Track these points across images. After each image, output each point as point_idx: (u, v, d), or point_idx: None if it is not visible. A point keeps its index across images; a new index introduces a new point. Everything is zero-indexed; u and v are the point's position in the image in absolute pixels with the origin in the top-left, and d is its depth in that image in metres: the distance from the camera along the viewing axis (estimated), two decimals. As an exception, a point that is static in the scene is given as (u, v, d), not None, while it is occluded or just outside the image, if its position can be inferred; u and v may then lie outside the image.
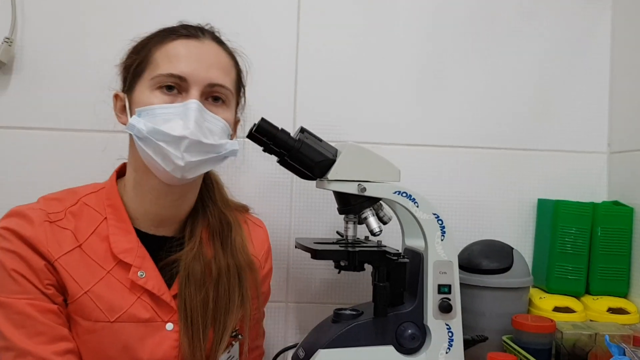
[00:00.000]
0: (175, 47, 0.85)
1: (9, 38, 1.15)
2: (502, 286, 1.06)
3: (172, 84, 0.83)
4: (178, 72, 0.82)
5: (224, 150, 0.86)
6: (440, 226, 0.95)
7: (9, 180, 1.16)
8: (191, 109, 0.81)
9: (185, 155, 0.81)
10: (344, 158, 0.92)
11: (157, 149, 0.81)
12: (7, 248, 0.81)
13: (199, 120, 0.81)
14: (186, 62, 0.83)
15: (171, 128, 0.80)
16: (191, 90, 0.83)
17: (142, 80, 0.85)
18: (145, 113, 0.82)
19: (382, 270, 0.93)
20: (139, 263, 0.86)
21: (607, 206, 1.16)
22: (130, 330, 0.84)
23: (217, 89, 0.85)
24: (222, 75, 0.86)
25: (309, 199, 1.21)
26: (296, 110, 1.21)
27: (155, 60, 0.84)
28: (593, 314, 1.09)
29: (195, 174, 0.85)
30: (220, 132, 0.85)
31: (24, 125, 1.18)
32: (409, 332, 0.93)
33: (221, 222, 0.94)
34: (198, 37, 0.86)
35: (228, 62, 0.90)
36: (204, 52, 0.85)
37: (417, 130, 1.23)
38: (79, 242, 0.84)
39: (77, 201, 0.88)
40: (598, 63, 1.25)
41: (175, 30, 0.88)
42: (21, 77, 1.18)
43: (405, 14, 1.23)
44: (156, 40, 0.86)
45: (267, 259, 1.03)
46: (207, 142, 0.82)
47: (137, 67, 0.86)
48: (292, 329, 1.22)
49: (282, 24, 1.21)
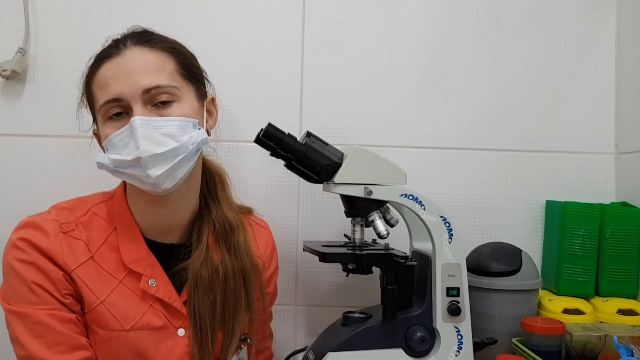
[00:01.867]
0: (102, 73, 0.84)
1: (23, 48, 1.18)
2: (511, 288, 1.06)
3: (115, 108, 0.83)
4: (111, 96, 0.82)
5: (191, 144, 0.83)
6: (447, 229, 0.95)
7: (25, 187, 1.18)
8: (135, 127, 0.80)
9: (150, 172, 0.80)
10: (350, 161, 0.92)
11: (128, 176, 0.83)
12: (24, 259, 0.81)
13: (147, 133, 0.80)
14: (114, 83, 0.82)
15: (127, 153, 0.81)
16: (133, 107, 0.82)
17: (97, 115, 0.87)
18: (108, 145, 0.84)
19: (390, 273, 0.93)
20: (149, 272, 0.87)
21: (615, 207, 1.15)
22: (145, 338, 0.85)
23: (155, 91, 0.83)
24: (154, 76, 0.83)
25: (316, 202, 1.22)
26: (302, 114, 1.22)
27: (94, 94, 0.85)
28: (603, 316, 1.09)
29: (175, 180, 0.84)
30: (179, 130, 0.82)
31: (38, 133, 1.20)
32: (418, 335, 0.93)
33: (224, 225, 0.94)
34: (118, 52, 0.84)
35: (157, 59, 0.85)
36: (127, 65, 0.83)
37: (422, 133, 1.23)
38: (91, 252, 0.85)
39: (87, 211, 0.89)
40: (604, 63, 1.25)
41: (100, 55, 0.86)
42: (35, 86, 1.20)
43: (411, 17, 1.24)
44: (89, 74, 0.87)
45: (272, 260, 1.04)
46: (163, 151, 0.80)
47: (88, 105, 0.89)
48: (302, 332, 1.22)
49: (287, 29, 1.23)
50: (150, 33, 0.90)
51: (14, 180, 1.19)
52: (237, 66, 1.21)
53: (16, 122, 1.20)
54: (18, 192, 1.19)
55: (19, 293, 0.81)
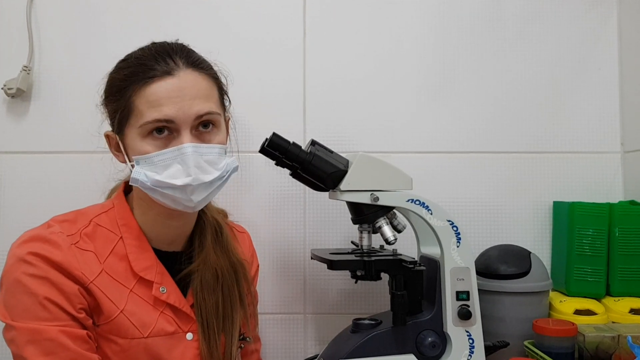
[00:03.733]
0: (154, 91, 0.82)
1: (27, 66, 1.19)
2: (521, 291, 1.05)
3: (161, 127, 0.83)
4: (163, 116, 0.81)
5: (227, 172, 0.87)
6: (455, 233, 0.94)
7: (31, 204, 1.19)
8: (187, 154, 0.81)
9: (193, 198, 0.83)
10: (356, 168, 0.92)
11: (165, 195, 0.84)
12: (36, 274, 0.79)
13: (197, 162, 0.82)
14: (168, 104, 0.81)
15: (173, 176, 0.81)
16: (182, 131, 0.82)
17: (130, 127, 0.84)
18: (143, 161, 0.83)
19: (399, 278, 0.93)
20: (159, 279, 0.89)
21: (623, 206, 1.15)
22: (161, 344, 0.86)
23: (206, 117, 0.84)
24: (206, 103, 0.84)
25: (322, 210, 1.22)
26: (306, 123, 1.23)
27: (138, 108, 0.82)
28: (615, 316, 1.08)
29: (207, 202, 0.89)
30: (218, 157, 0.85)
31: (44, 150, 1.21)
32: (429, 340, 0.93)
33: (215, 226, 0.97)
34: (172, 72, 0.83)
35: (207, 84, 0.87)
36: (183, 88, 0.82)
37: (427, 138, 1.23)
38: (101, 263, 0.85)
39: (89, 222, 0.88)
40: (607, 62, 1.25)
41: (147, 67, 0.83)
42: (40, 104, 1.21)
43: (412, 22, 1.24)
44: (133, 85, 0.83)
45: (254, 261, 1.08)
46: (210, 179, 0.83)
47: (121, 114, 0.85)
48: (312, 340, 1.22)
49: (289, 39, 1.23)
50: (194, 54, 0.89)
51: (21, 197, 1.20)
52: (239, 75, 1.21)
53: (22, 139, 1.21)
54: (25, 209, 1.19)
55: (29, 309, 0.79)
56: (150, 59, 0.84)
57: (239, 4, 1.24)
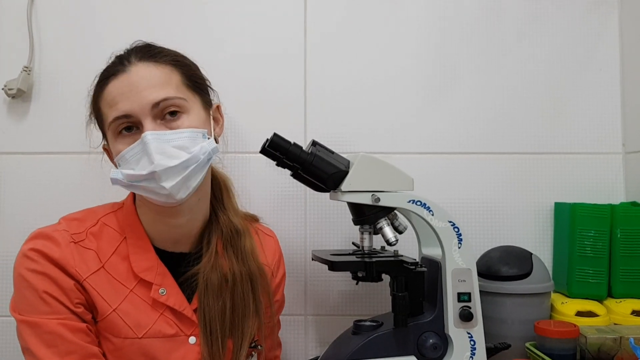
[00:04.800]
0: (110, 91, 0.85)
1: (28, 67, 1.19)
2: (522, 292, 1.05)
3: (125, 124, 0.84)
4: (120, 113, 0.83)
5: (202, 154, 0.85)
6: (456, 234, 0.94)
7: (32, 205, 1.19)
8: (147, 142, 0.82)
9: (164, 185, 0.82)
10: (357, 169, 0.92)
11: (142, 189, 0.85)
12: (36, 269, 0.82)
13: (159, 148, 0.82)
14: (122, 100, 0.83)
15: (141, 167, 0.83)
16: (143, 122, 0.83)
17: (106, 132, 0.88)
18: (121, 161, 0.85)
19: (400, 280, 0.93)
20: (159, 281, 0.88)
21: (625, 207, 1.14)
22: (158, 346, 0.86)
23: (164, 104, 0.84)
24: (161, 89, 0.84)
25: (323, 211, 1.21)
26: (307, 124, 1.22)
27: (103, 111, 0.87)
28: (617, 317, 1.07)
29: (189, 190, 0.85)
30: (189, 141, 0.85)
31: (45, 150, 1.21)
32: (430, 341, 0.92)
33: (231, 230, 0.95)
34: (124, 69, 0.85)
35: (162, 72, 0.87)
36: (133, 81, 0.84)
37: (428, 138, 1.23)
38: (102, 262, 0.86)
39: (96, 222, 0.90)
40: (608, 63, 1.24)
41: (105, 73, 0.87)
42: (40, 104, 1.21)
43: (412, 22, 1.24)
44: (96, 93, 0.88)
45: (279, 267, 1.05)
46: (176, 164, 0.82)
47: (97, 122, 0.90)
48: (312, 341, 1.21)
49: (290, 41, 1.23)
50: (152, 47, 0.91)
51: (22, 197, 1.20)
52: (240, 76, 1.22)
53: (22, 140, 1.21)
54: (26, 209, 1.19)
55: (31, 303, 0.82)
56: (110, 65, 0.88)
57: (240, 8, 1.23)
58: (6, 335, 1.18)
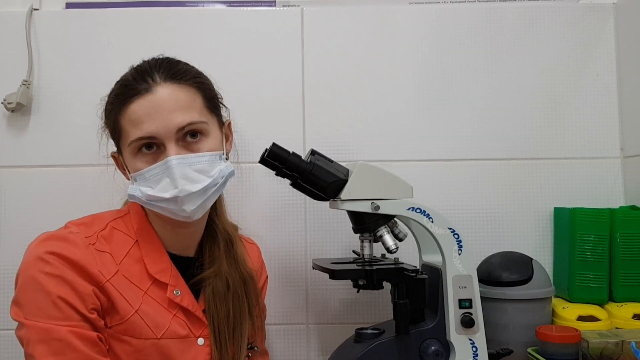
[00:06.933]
0: (134, 109, 0.85)
1: (27, 80, 1.20)
2: (523, 298, 1.05)
3: (147, 143, 0.85)
4: (145, 134, 0.84)
5: (221, 178, 0.88)
6: (456, 240, 0.94)
7: (31, 218, 1.19)
8: (171, 166, 0.83)
9: (185, 208, 0.85)
10: (356, 177, 0.92)
11: (159, 208, 0.86)
12: (52, 272, 0.79)
13: (183, 172, 0.84)
14: (148, 121, 0.84)
15: (163, 189, 0.84)
16: (166, 144, 0.84)
17: (123, 146, 0.88)
18: (139, 177, 0.86)
19: (401, 287, 0.93)
20: (174, 282, 0.90)
21: (624, 211, 1.15)
22: (173, 347, 0.87)
23: (188, 128, 0.85)
24: (187, 114, 0.85)
25: (322, 220, 1.22)
26: (305, 133, 1.23)
27: (124, 128, 0.86)
28: (618, 322, 1.07)
29: (205, 210, 0.89)
30: (209, 165, 0.87)
31: (44, 163, 1.21)
32: (432, 348, 0.92)
33: (227, 238, 0.98)
34: (149, 89, 0.85)
35: (187, 95, 0.87)
36: (159, 103, 0.84)
37: (427, 146, 1.23)
38: (117, 264, 0.86)
39: (105, 226, 0.89)
40: (605, 68, 1.25)
41: (128, 87, 0.86)
42: (39, 118, 1.22)
43: (409, 30, 1.25)
44: (116, 107, 0.87)
45: (262, 273, 1.09)
46: (198, 189, 0.84)
47: (112, 134, 0.90)
48: (314, 350, 1.21)
49: (287, 50, 1.24)
50: (174, 64, 0.91)
51: (21, 211, 1.20)
52: (237, 87, 1.22)
53: (22, 153, 1.21)
54: (25, 223, 1.19)
55: (42, 308, 0.79)
56: (131, 79, 0.88)
57: (238, 18, 1.24)
58: (5, 349, 1.18)
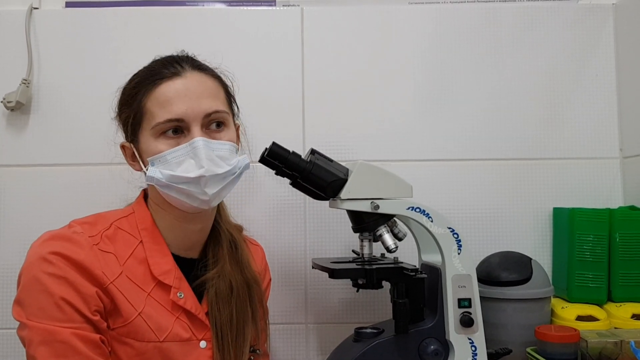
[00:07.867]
0: (163, 91, 0.86)
1: (26, 79, 1.20)
2: (522, 297, 1.05)
3: (174, 127, 0.86)
4: (174, 115, 0.84)
5: (238, 169, 0.89)
6: (456, 240, 0.95)
7: (33, 216, 1.19)
8: (198, 147, 0.84)
9: (207, 191, 0.85)
10: (356, 177, 0.93)
11: (180, 191, 0.85)
12: (55, 273, 0.79)
13: (208, 154, 0.84)
14: (177, 103, 0.85)
15: (186, 170, 0.84)
16: (192, 128, 0.85)
17: (143, 131, 0.87)
18: (157, 161, 0.86)
19: (400, 286, 0.93)
20: (177, 284, 0.89)
21: (623, 211, 1.15)
22: (175, 349, 0.86)
23: (213, 116, 0.87)
24: (213, 101, 0.88)
25: (322, 219, 1.22)
26: (305, 132, 1.23)
27: (149, 110, 0.86)
28: (617, 321, 1.07)
29: (220, 199, 0.90)
30: (229, 154, 0.88)
31: (44, 162, 1.21)
32: (431, 348, 0.92)
33: (231, 241, 0.97)
34: (178, 73, 0.87)
35: (213, 85, 0.90)
36: (190, 87, 0.86)
37: (426, 145, 1.24)
38: (121, 265, 0.85)
39: (110, 225, 0.88)
40: (604, 68, 1.25)
41: (156, 72, 0.88)
42: (39, 117, 1.22)
43: (408, 30, 1.25)
44: (143, 89, 0.88)
45: (266, 274, 1.08)
46: (222, 172, 0.85)
47: (134, 119, 0.88)
48: (314, 350, 1.21)
49: (287, 50, 1.24)
50: (198, 60, 0.93)
51: (21, 210, 1.20)
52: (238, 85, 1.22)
53: (22, 152, 1.21)
54: (25, 222, 1.19)
55: (44, 309, 0.78)
56: (159, 65, 0.89)
57: (238, 17, 1.25)
58: (6, 348, 1.18)
